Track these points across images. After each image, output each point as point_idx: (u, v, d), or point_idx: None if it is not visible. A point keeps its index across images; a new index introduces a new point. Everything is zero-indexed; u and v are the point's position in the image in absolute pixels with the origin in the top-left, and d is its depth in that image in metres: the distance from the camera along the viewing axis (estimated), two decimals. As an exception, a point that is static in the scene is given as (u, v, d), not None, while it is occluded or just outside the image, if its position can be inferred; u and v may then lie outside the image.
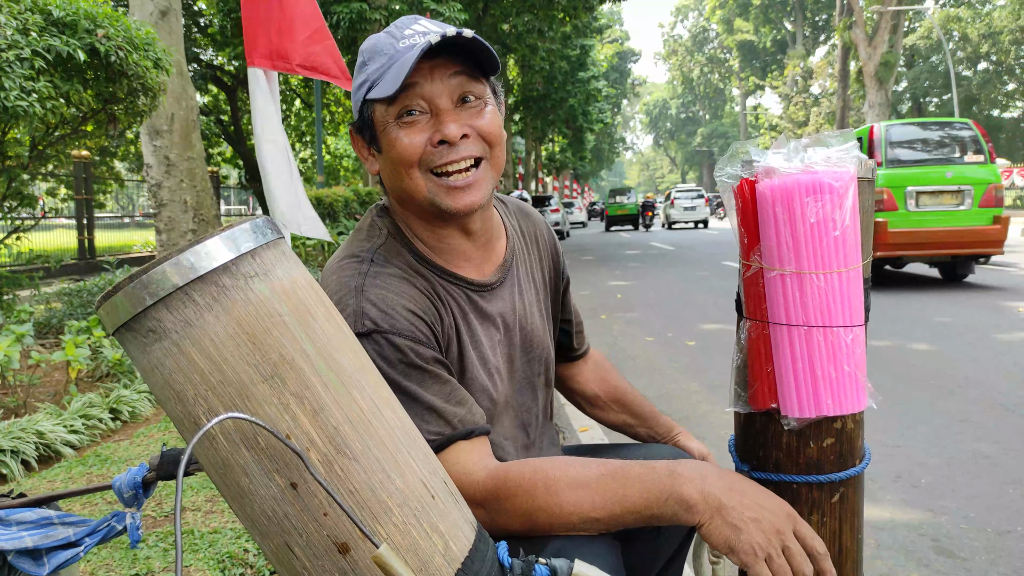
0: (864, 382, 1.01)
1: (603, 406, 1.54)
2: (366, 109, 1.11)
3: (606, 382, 1.54)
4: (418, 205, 1.12)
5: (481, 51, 1.06)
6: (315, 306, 0.74)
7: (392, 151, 1.09)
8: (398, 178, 1.11)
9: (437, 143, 1.07)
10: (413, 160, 1.08)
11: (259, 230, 0.72)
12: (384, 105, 1.08)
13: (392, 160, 1.10)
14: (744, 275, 1.04)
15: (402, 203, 1.16)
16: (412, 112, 1.07)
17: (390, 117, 1.08)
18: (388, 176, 1.14)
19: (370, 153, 1.16)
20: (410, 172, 1.09)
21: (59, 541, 1.14)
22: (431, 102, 1.07)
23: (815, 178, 0.96)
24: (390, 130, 1.08)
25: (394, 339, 1.01)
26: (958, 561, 2.46)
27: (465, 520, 0.80)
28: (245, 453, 0.69)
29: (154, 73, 4.60)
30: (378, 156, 1.15)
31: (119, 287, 0.67)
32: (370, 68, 1.09)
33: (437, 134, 1.07)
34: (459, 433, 1.02)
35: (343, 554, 0.70)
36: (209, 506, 2.45)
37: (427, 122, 1.08)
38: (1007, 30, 38.50)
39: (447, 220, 1.14)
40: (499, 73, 1.16)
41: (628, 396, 1.53)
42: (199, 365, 0.67)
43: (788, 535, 0.88)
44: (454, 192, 1.09)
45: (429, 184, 1.09)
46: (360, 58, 1.12)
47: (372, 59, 1.09)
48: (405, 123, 1.07)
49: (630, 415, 1.52)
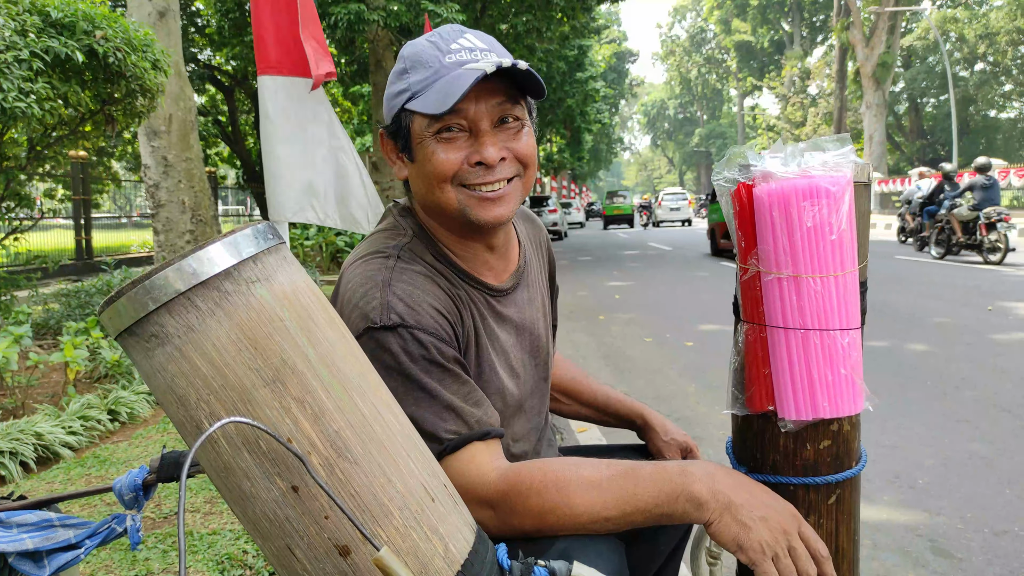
0: (860, 385, 1.02)
1: (554, 398, 1.56)
2: (404, 117, 1.12)
3: (556, 377, 1.57)
4: (447, 216, 1.14)
5: (529, 81, 1.08)
6: (316, 311, 0.75)
7: (428, 165, 1.10)
8: (429, 190, 1.12)
9: (474, 163, 1.09)
10: (448, 176, 1.09)
11: (260, 235, 0.73)
12: (425, 119, 1.08)
13: (426, 173, 1.11)
14: (741, 278, 1.05)
15: (428, 210, 1.18)
16: (451, 129, 1.08)
17: (429, 131, 1.09)
18: (418, 185, 1.15)
19: (399, 158, 1.18)
20: (443, 186, 1.10)
21: (59, 543, 1.15)
22: (472, 123, 1.08)
23: (812, 182, 0.97)
24: (428, 144, 1.09)
25: (419, 335, 1.02)
26: (955, 561, 2.47)
27: (464, 522, 0.81)
28: (247, 456, 0.69)
29: (152, 74, 4.60)
30: (408, 163, 1.16)
31: (122, 292, 0.68)
32: (412, 78, 1.09)
33: (476, 155, 1.08)
34: (475, 434, 1.03)
35: (344, 557, 0.71)
36: (208, 508, 2.45)
37: (465, 140, 1.09)
38: (1004, 31, 38.57)
39: (472, 232, 1.16)
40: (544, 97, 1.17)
41: (578, 388, 1.55)
42: (201, 370, 0.68)
43: (794, 536, 0.90)
44: (484, 203, 1.11)
45: (460, 196, 1.11)
46: (400, 64, 1.13)
47: (414, 69, 1.10)
48: (444, 139, 1.08)
49: (581, 405, 1.56)
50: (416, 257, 1.14)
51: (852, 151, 1.02)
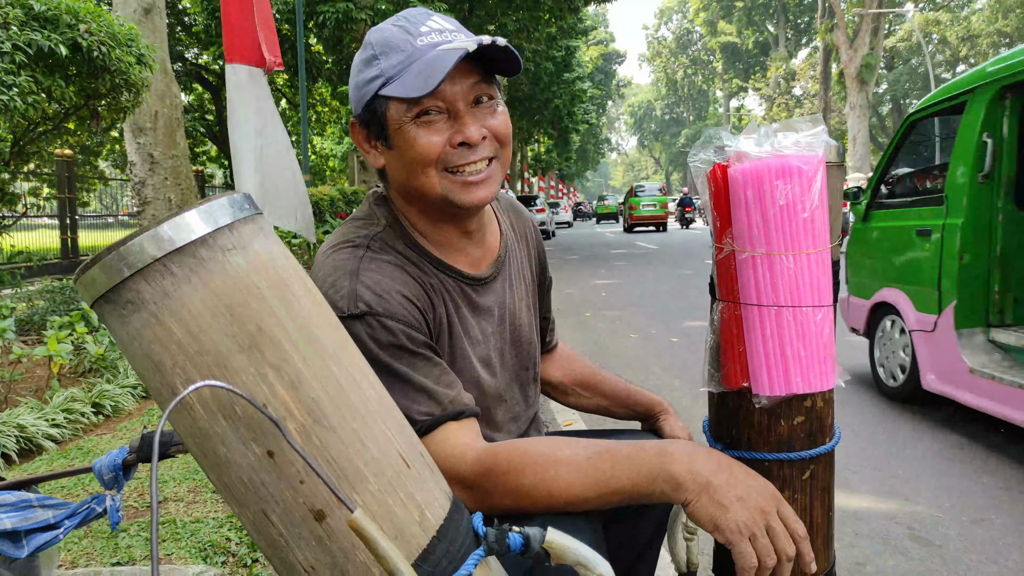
0: (833, 361, 1.04)
1: (570, 391, 1.56)
2: (378, 104, 1.10)
3: (570, 369, 1.57)
4: (427, 201, 1.13)
5: (505, 59, 1.08)
6: (293, 280, 0.75)
7: (411, 150, 1.08)
8: (411, 175, 1.11)
9: (457, 144, 1.08)
10: (432, 159, 1.08)
11: (237, 205, 0.73)
12: (402, 103, 1.07)
13: (408, 158, 1.10)
14: (717, 258, 1.06)
15: (406, 197, 1.17)
16: (430, 112, 1.07)
17: (408, 116, 1.07)
18: (397, 171, 1.14)
19: (373, 147, 1.16)
20: (427, 171, 1.09)
21: (38, 523, 1.15)
22: (451, 104, 1.07)
23: (784, 162, 0.99)
24: (407, 129, 1.08)
25: (387, 322, 1.03)
26: (933, 549, 2.50)
27: (440, 490, 0.82)
28: (222, 422, 0.70)
29: (137, 69, 4.58)
30: (384, 150, 1.14)
31: (97, 259, 0.68)
32: (384, 63, 1.08)
33: (458, 135, 1.08)
34: (449, 413, 1.03)
35: (319, 521, 0.71)
36: (192, 496, 2.44)
37: (445, 123, 1.08)
38: (985, 33, 38.98)
39: (449, 217, 1.15)
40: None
41: (594, 379, 1.55)
42: (177, 336, 0.68)
43: (773, 515, 0.89)
44: (469, 187, 1.10)
45: (444, 181, 1.10)
46: (367, 51, 1.11)
47: (385, 54, 1.08)
48: (424, 123, 1.07)
49: (601, 397, 1.54)
50: (388, 246, 1.13)
51: (824, 131, 1.04)
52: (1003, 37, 38.99)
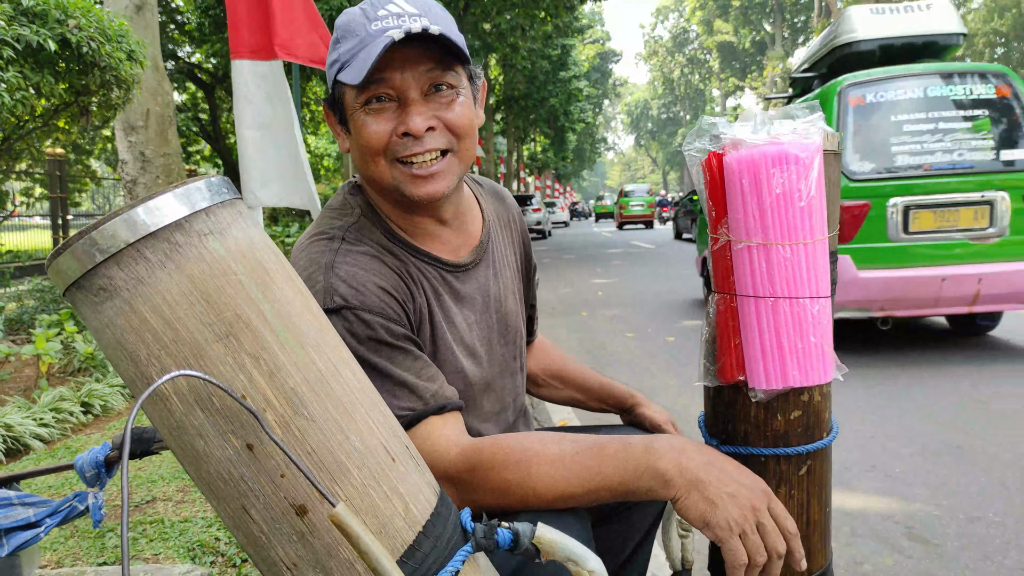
0: (831, 354, 1.01)
1: (543, 383, 1.56)
2: (337, 89, 1.10)
3: (545, 362, 1.56)
4: (385, 191, 1.12)
5: (451, 44, 1.04)
6: (273, 267, 0.73)
7: (360, 138, 1.08)
8: (364, 164, 1.11)
9: (402, 134, 1.06)
10: (378, 149, 1.07)
11: (214, 188, 0.70)
12: (353, 90, 1.07)
13: (360, 146, 1.09)
14: (712, 248, 1.04)
15: (369, 184, 1.16)
16: (381, 99, 1.06)
17: (358, 103, 1.07)
18: (356, 158, 1.13)
19: (341, 131, 1.16)
20: (376, 160, 1.08)
21: (19, 522, 1.12)
22: (400, 91, 1.05)
23: (781, 149, 0.96)
24: (357, 116, 1.08)
25: (364, 315, 1.00)
26: (930, 547, 2.49)
27: (427, 483, 0.79)
28: (199, 414, 0.67)
29: (127, 65, 4.53)
30: (348, 136, 1.14)
31: (69, 244, 0.65)
32: (342, 48, 1.07)
33: (401, 126, 1.06)
34: (431, 408, 1.01)
35: (301, 516, 0.69)
36: (180, 496, 2.41)
37: (394, 111, 1.06)
38: (980, 32, 39.08)
39: (415, 207, 1.13)
40: (473, 62, 1.15)
41: (569, 372, 1.54)
42: (151, 324, 0.66)
43: (763, 512, 0.87)
44: (417, 180, 1.08)
45: (394, 172, 1.08)
46: (335, 33, 1.10)
47: (344, 38, 1.07)
48: (372, 110, 1.06)
49: (574, 390, 1.54)
50: (363, 236, 1.11)
51: (822, 118, 1.02)
52: (998, 36, 39.09)
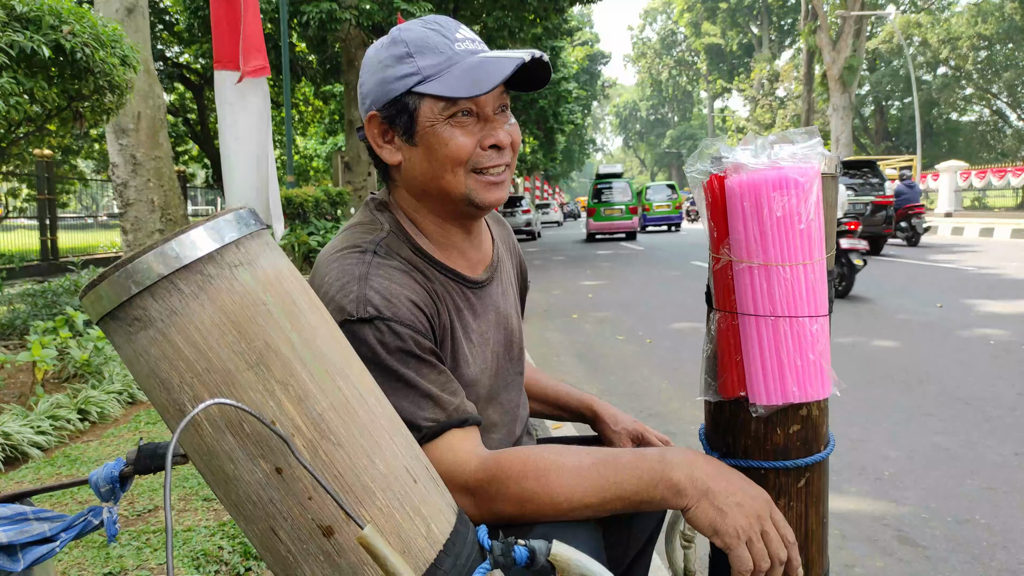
0: (828, 370, 1.05)
1: None
2: (410, 100, 1.11)
3: None
4: (447, 200, 1.16)
5: (525, 75, 1.14)
6: (299, 296, 0.75)
7: (443, 148, 1.11)
8: (437, 173, 1.13)
9: (488, 147, 1.13)
10: (462, 159, 1.12)
11: (243, 220, 0.73)
12: (438, 102, 1.09)
13: (440, 157, 1.12)
14: (714, 268, 1.07)
15: (418, 195, 1.18)
16: (466, 114, 1.11)
17: (442, 116, 1.10)
18: (421, 169, 1.15)
19: (390, 142, 1.16)
20: (455, 170, 1.12)
21: (34, 536, 1.13)
22: (481, 108, 1.12)
23: (781, 173, 1.00)
24: (441, 128, 1.11)
25: (395, 327, 1.03)
26: (920, 550, 2.53)
27: (446, 504, 0.82)
28: (230, 439, 0.70)
29: (121, 70, 4.54)
30: (405, 147, 1.15)
31: (104, 276, 0.68)
32: (422, 62, 1.10)
33: (490, 138, 1.13)
34: (453, 421, 1.04)
35: (327, 537, 0.72)
36: (183, 505, 2.43)
37: (474, 125, 1.12)
38: (965, 36, 39.45)
39: (460, 216, 1.19)
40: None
41: (532, 384, 1.58)
42: (184, 353, 0.68)
43: (767, 521, 0.93)
44: (491, 187, 1.15)
45: (469, 181, 1.14)
46: (398, 48, 1.12)
47: (421, 53, 1.10)
48: (458, 123, 1.11)
49: (535, 401, 1.58)
50: (393, 252, 1.14)
51: (820, 143, 1.05)
52: (982, 39, 39.49)
